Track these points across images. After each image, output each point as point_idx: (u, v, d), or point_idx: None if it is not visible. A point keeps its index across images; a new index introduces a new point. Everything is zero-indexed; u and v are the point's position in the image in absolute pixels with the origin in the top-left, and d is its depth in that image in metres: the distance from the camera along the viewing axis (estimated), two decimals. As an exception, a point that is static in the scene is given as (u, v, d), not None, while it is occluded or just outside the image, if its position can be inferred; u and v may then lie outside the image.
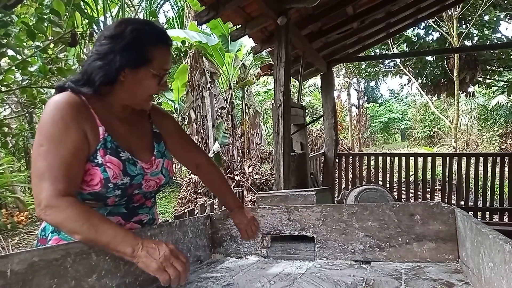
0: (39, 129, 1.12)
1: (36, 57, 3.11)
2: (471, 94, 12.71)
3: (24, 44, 3.04)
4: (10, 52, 2.88)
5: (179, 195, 8.81)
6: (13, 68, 2.93)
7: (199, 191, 8.40)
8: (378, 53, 11.51)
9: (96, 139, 1.16)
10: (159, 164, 1.33)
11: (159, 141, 1.38)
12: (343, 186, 6.53)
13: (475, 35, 11.16)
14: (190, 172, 9.05)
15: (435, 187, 6.54)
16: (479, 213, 5.94)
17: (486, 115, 17.84)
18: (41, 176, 1.06)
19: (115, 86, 1.20)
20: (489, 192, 5.88)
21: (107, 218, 1.12)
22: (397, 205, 1.46)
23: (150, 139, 1.36)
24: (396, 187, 6.43)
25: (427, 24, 11.02)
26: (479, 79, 11.04)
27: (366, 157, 6.92)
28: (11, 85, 3.03)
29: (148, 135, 1.37)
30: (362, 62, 13.31)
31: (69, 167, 1.08)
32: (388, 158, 6.56)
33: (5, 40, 2.70)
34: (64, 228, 1.07)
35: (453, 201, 6.08)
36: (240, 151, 10.55)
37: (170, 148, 1.43)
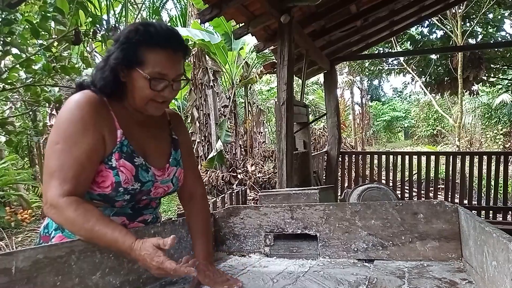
0: (56, 126, 1.11)
1: (40, 55, 3.11)
2: (475, 93, 12.65)
3: (28, 42, 3.05)
4: (14, 50, 2.88)
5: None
6: (17, 66, 2.94)
7: (202, 189, 8.40)
8: (381, 51, 11.48)
9: (113, 142, 1.16)
10: (172, 173, 1.30)
11: (176, 148, 1.35)
12: (346, 184, 6.52)
13: (479, 33, 11.10)
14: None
15: (439, 186, 6.51)
16: (483, 212, 5.92)
17: (490, 113, 17.76)
18: (52, 174, 1.06)
19: (124, 88, 1.19)
20: (492, 191, 5.86)
21: (102, 219, 1.06)
22: (400, 204, 1.46)
23: (168, 145, 1.33)
24: (399, 185, 6.40)
25: (431, 22, 10.96)
26: (483, 77, 10.99)
27: (369, 155, 6.90)
28: (15, 83, 3.04)
29: (166, 141, 1.34)
30: (365, 61, 13.26)
31: (80, 168, 1.08)
32: (391, 156, 6.55)
33: (9, 38, 2.70)
34: (66, 228, 1.12)
35: (457, 200, 6.06)
36: (243, 149, 10.56)
37: None
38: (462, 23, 11.02)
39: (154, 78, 1.13)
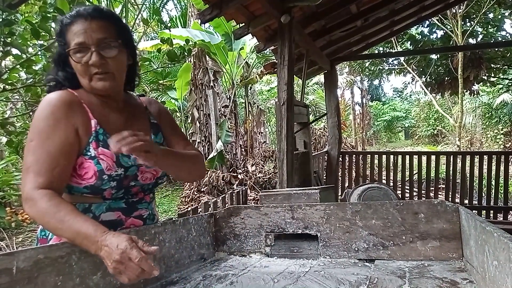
0: (31, 125, 1.15)
1: (40, 56, 3.12)
2: (476, 93, 12.66)
3: (29, 43, 3.05)
4: (15, 51, 2.89)
5: (182, 194, 8.83)
6: (18, 66, 2.94)
7: (202, 190, 8.41)
8: (381, 51, 11.48)
9: (88, 133, 1.17)
10: None
11: (157, 132, 1.37)
12: (346, 184, 6.52)
13: (479, 33, 11.11)
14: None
15: (439, 186, 6.51)
16: (483, 212, 5.91)
17: (490, 113, 17.75)
18: (28, 169, 1.08)
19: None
20: (493, 191, 5.86)
21: (76, 211, 1.05)
22: (401, 204, 1.46)
23: (147, 130, 1.35)
24: (400, 185, 6.40)
25: (431, 22, 10.97)
26: (483, 77, 11.00)
27: (369, 155, 6.91)
28: (16, 84, 3.05)
29: (145, 127, 1.35)
30: (366, 61, 13.26)
31: (54, 162, 1.09)
32: (391, 156, 6.55)
33: (9, 39, 2.71)
34: (39, 222, 1.09)
35: (457, 200, 6.06)
36: (243, 149, 10.56)
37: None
38: (463, 23, 11.02)
39: (73, 50, 1.15)
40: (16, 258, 0.88)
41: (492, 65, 10.74)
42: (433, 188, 6.24)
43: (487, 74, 11.13)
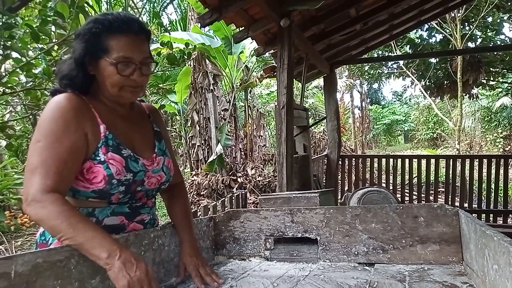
0: (38, 126, 1.13)
1: (40, 59, 3.12)
2: (475, 96, 12.70)
3: (28, 46, 3.06)
4: (15, 54, 2.89)
5: (182, 197, 8.81)
6: (17, 70, 2.94)
7: (202, 193, 8.40)
8: (381, 55, 11.50)
9: (97, 138, 1.18)
10: (160, 162, 1.33)
11: (160, 139, 1.39)
12: (346, 188, 6.52)
13: (478, 36, 11.14)
14: (193, 174, 9.06)
15: (439, 189, 6.50)
16: (483, 215, 5.91)
17: (490, 117, 17.78)
18: (33, 171, 1.07)
19: (95, 82, 1.22)
20: (493, 194, 5.86)
21: (89, 219, 1.10)
22: (401, 207, 1.46)
23: (151, 137, 1.37)
24: (400, 189, 6.39)
25: (430, 26, 11.00)
26: (482, 81, 11.03)
27: (369, 159, 6.90)
28: (15, 87, 3.05)
29: (149, 133, 1.38)
30: (365, 64, 13.28)
31: (62, 165, 1.09)
32: (391, 160, 6.54)
33: (9, 43, 2.71)
34: (45, 225, 1.08)
35: (457, 203, 6.06)
36: (243, 153, 10.55)
37: None
38: (462, 26, 11.06)
39: (120, 62, 1.16)
40: (15, 262, 0.88)
41: (491, 68, 10.77)
42: (432, 192, 6.24)
43: (486, 78, 11.16)
